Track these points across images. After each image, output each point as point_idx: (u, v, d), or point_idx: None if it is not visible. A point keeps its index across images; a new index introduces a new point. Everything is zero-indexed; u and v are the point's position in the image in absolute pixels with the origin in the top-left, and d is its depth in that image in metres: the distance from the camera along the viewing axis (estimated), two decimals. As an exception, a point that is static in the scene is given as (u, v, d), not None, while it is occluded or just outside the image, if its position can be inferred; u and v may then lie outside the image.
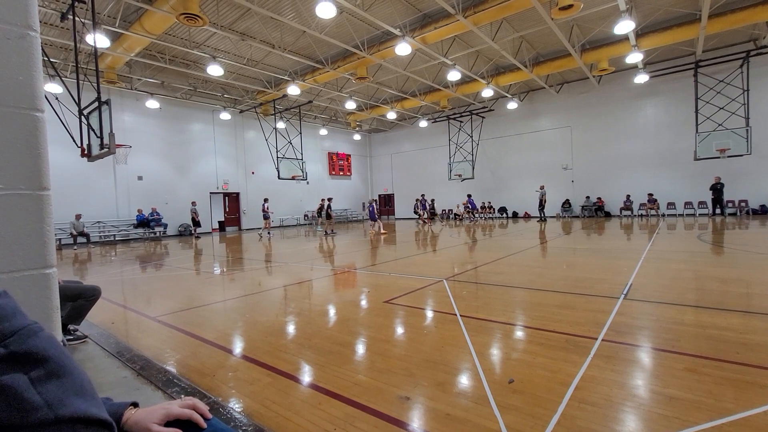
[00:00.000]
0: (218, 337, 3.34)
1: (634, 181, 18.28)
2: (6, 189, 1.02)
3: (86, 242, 14.06)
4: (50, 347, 0.51)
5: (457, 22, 11.28)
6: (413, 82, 18.50)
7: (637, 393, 2.11)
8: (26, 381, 0.47)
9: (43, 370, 0.49)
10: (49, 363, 0.50)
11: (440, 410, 2.00)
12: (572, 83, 19.76)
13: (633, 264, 5.94)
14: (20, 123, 1.05)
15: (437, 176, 24.71)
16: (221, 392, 2.30)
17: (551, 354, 2.65)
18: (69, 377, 0.51)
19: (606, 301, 3.93)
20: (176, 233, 17.63)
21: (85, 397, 0.51)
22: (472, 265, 6.57)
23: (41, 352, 0.50)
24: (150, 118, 17.19)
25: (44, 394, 0.47)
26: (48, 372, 0.49)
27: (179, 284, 6.15)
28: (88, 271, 8.10)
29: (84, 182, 14.87)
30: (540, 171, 21.11)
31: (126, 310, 4.52)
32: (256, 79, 17.30)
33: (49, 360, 0.50)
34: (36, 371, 0.48)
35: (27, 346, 0.49)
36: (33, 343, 0.50)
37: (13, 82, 1.04)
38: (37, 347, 0.50)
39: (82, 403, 0.50)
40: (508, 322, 3.46)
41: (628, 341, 2.85)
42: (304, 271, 6.82)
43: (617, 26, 11.55)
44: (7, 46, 1.03)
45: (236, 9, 11.46)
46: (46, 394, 0.47)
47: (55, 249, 1.14)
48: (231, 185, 20.34)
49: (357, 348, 3.00)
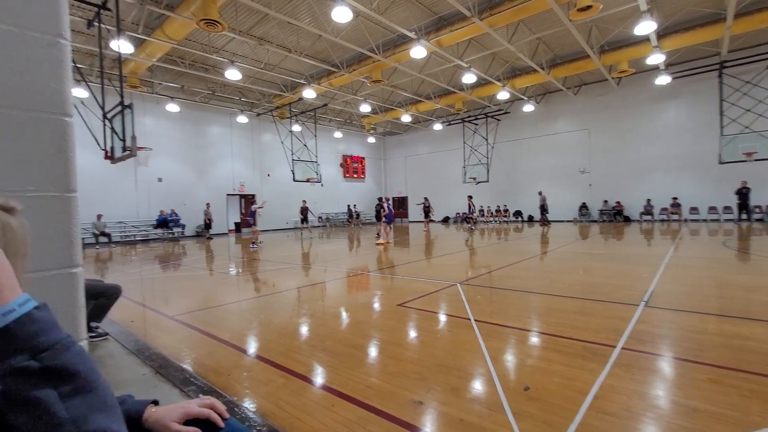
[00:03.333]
0: (233, 337, 3.39)
1: (655, 184, 17.80)
2: (37, 191, 1.07)
3: (108, 242, 14.48)
4: (80, 362, 0.53)
5: (472, 24, 11.24)
6: (428, 85, 18.48)
7: (658, 404, 2.05)
8: (56, 396, 0.49)
9: (72, 386, 0.51)
10: (78, 378, 0.52)
11: (453, 415, 1.98)
12: (590, 85, 19.41)
13: (654, 270, 5.78)
14: (51, 128, 1.10)
15: (451, 179, 24.57)
16: (236, 392, 2.33)
17: (568, 361, 2.60)
18: (95, 393, 0.53)
19: (625, 308, 3.83)
20: (194, 234, 18.00)
21: (107, 412, 0.53)
22: (486, 269, 6.50)
23: (71, 367, 0.51)
24: (170, 121, 17.63)
25: (71, 409, 0.49)
26: (76, 387, 0.51)
27: (195, 284, 6.28)
28: (109, 270, 8.33)
29: (106, 183, 15.32)
30: (556, 174, 20.78)
31: (144, 308, 4.63)
32: (273, 82, 17.57)
33: (78, 375, 0.52)
34: (65, 386, 0.50)
35: (59, 361, 0.51)
36: (65, 357, 0.52)
37: (45, 89, 1.09)
38: (68, 362, 0.51)
39: (104, 420, 0.51)
40: (523, 327, 3.41)
41: (649, 350, 2.77)
42: (318, 273, 6.87)
43: (638, 27, 11.30)
44: (39, 54, 1.08)
45: (254, 14, 11.67)
46: (72, 410, 0.49)
47: (81, 249, 1.18)
48: (247, 187, 20.67)
49: (370, 351, 3.00)
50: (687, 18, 12.82)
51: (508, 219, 22.10)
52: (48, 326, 0.53)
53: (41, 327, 0.52)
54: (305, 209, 15.27)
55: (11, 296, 0.51)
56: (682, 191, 17.06)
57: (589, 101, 19.58)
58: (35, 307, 0.53)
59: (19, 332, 0.50)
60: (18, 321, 0.50)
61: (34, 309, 0.53)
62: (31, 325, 0.51)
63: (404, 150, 28.19)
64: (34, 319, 0.52)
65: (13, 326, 0.50)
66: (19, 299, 0.52)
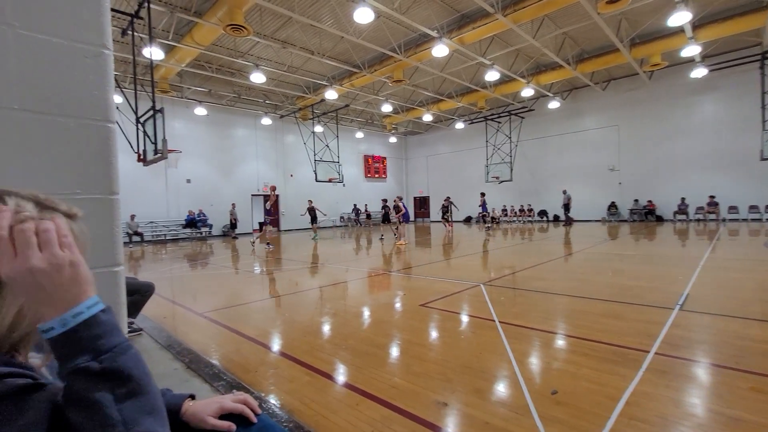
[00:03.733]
0: (259, 334, 3.47)
1: (690, 182, 16.97)
2: (83, 194, 1.14)
3: (140, 241, 15.11)
4: (135, 366, 0.55)
5: (496, 21, 11.05)
6: (450, 84, 18.32)
7: (695, 412, 1.95)
8: (111, 398, 0.51)
9: (126, 389, 0.53)
10: (132, 382, 0.54)
11: (479, 418, 1.96)
12: (620, 80, 18.72)
13: (689, 272, 5.51)
14: (95, 134, 1.17)
15: (474, 179, 24.26)
16: (263, 388, 2.39)
17: (597, 365, 2.52)
18: (146, 396, 0.55)
19: (659, 312, 3.68)
20: (220, 233, 18.53)
21: (155, 416, 0.55)
22: (509, 270, 6.39)
23: (127, 371, 0.54)
24: (198, 124, 18.22)
25: (123, 411, 0.51)
26: (130, 390, 0.53)
27: (222, 282, 6.46)
28: (141, 267, 8.70)
29: (139, 185, 15.98)
30: (584, 173, 20.15)
31: (175, 305, 4.80)
32: (296, 84, 17.86)
33: (132, 379, 0.54)
34: (120, 389, 0.53)
35: (118, 364, 0.53)
36: (123, 361, 0.54)
37: (90, 97, 1.16)
38: (124, 365, 0.54)
39: (152, 423, 0.54)
40: (549, 330, 3.33)
41: (685, 356, 2.65)
42: (340, 272, 6.93)
43: (671, 18, 10.82)
44: (86, 64, 1.15)
45: (278, 18, 11.90)
46: (124, 412, 0.51)
47: (122, 248, 1.25)
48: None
49: (393, 350, 3.01)
50: (725, 7, 12.15)
51: (532, 219, 21.62)
52: (110, 329, 0.55)
53: (104, 330, 0.55)
54: (312, 209, 14.86)
55: (82, 298, 0.54)
56: (719, 189, 16.19)
57: (619, 97, 18.88)
58: (101, 310, 0.56)
59: (86, 334, 0.53)
60: (85, 323, 0.53)
61: (100, 312, 0.55)
62: (96, 328, 0.54)
63: (426, 149, 28.04)
64: (99, 321, 0.55)
65: (80, 328, 0.53)
66: (89, 302, 0.55)
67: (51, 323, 0.52)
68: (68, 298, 0.53)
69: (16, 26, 1.08)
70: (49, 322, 0.52)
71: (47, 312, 0.52)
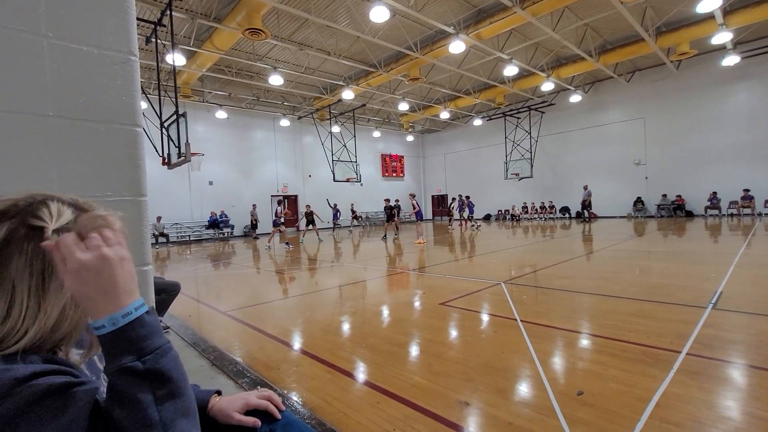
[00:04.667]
0: (281, 332, 3.53)
1: (722, 176, 16.20)
2: (114, 195, 1.19)
3: (166, 242, 15.61)
4: (174, 368, 0.57)
5: (514, 14, 10.85)
6: (467, 80, 18.10)
7: (730, 415, 1.87)
8: (152, 399, 0.53)
9: (166, 390, 0.55)
10: (172, 384, 0.56)
11: (502, 418, 1.93)
12: (645, 70, 18.05)
13: (723, 269, 5.27)
14: (124, 137, 1.22)
15: (492, 176, 23.92)
16: (285, 385, 2.43)
17: (625, 366, 2.44)
18: (182, 399, 0.57)
19: (690, 311, 3.54)
20: (241, 234, 18.93)
21: (189, 418, 0.57)
22: (531, 268, 6.27)
23: (168, 372, 0.56)
24: (219, 127, 18.66)
25: (161, 412, 0.53)
26: (169, 392, 0.55)
27: (244, 281, 6.60)
28: (168, 267, 8.98)
29: (164, 188, 16.49)
30: (608, 167, 19.55)
31: (199, 304, 4.94)
32: (313, 86, 18.03)
33: (172, 381, 0.56)
34: (161, 390, 0.55)
35: (160, 365, 0.55)
36: (164, 363, 0.56)
37: (119, 102, 1.21)
38: (165, 367, 0.56)
39: (187, 425, 0.55)
40: (573, 329, 3.25)
41: (719, 356, 2.54)
42: (358, 271, 6.96)
43: (700, 4, 10.35)
44: (114, 70, 1.20)
45: (295, 20, 12.04)
46: (163, 413, 0.53)
47: (150, 249, 1.29)
48: (290, 188, 21.40)
49: (413, 349, 3.00)
50: (759, -10, 11.54)
51: (554, 216, 21.15)
52: (154, 331, 0.57)
53: (149, 331, 0.57)
54: (310, 213, 14.67)
55: (130, 300, 0.56)
56: (754, 182, 15.40)
57: (644, 88, 18.21)
58: (146, 311, 0.58)
59: (132, 334, 0.55)
60: (132, 324, 0.55)
61: (145, 313, 0.57)
62: (141, 329, 0.56)
63: (443, 147, 27.83)
64: (144, 322, 0.57)
65: (128, 328, 0.55)
66: (136, 303, 0.57)
67: (102, 321, 0.54)
68: (121, 296, 0.55)
69: (50, 37, 1.14)
70: (100, 320, 0.54)
71: (102, 308, 0.54)
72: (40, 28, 1.12)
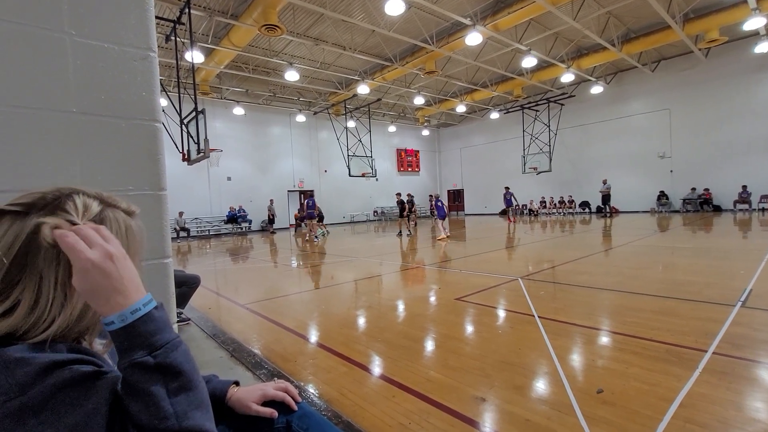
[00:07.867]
0: (298, 325, 3.58)
1: (753, 169, 15.48)
2: (135, 190, 1.22)
3: (187, 236, 16.00)
4: (185, 362, 0.58)
5: (533, 4, 10.57)
6: (484, 72, 17.80)
7: (759, 417, 1.80)
8: (164, 392, 0.54)
9: (178, 383, 0.56)
10: (183, 376, 0.57)
11: (518, 414, 1.91)
12: (671, 59, 17.35)
13: (753, 266, 5.06)
14: (144, 133, 1.25)
15: (510, 170, 23.51)
16: (302, 377, 2.46)
17: (648, 365, 2.38)
18: (195, 391, 0.58)
19: (717, 309, 3.41)
20: (259, 228, 19.23)
21: (202, 410, 0.57)
22: (549, 264, 6.15)
23: (178, 366, 0.57)
24: (237, 123, 18.93)
25: (175, 404, 0.54)
26: (181, 385, 0.56)
27: (262, 275, 6.71)
28: (188, 261, 9.21)
29: (184, 183, 16.86)
30: (629, 161, 18.95)
31: (219, 297, 5.05)
32: (329, 81, 18.06)
33: (183, 374, 0.57)
34: (173, 383, 0.55)
35: (170, 359, 0.56)
36: (174, 356, 0.57)
37: (139, 98, 1.23)
38: (176, 361, 0.57)
39: (200, 417, 0.56)
40: (593, 326, 3.18)
41: (748, 356, 2.44)
42: (374, 266, 6.98)
43: (731, -12, 9.85)
44: (134, 67, 1.22)
45: (310, 16, 12.05)
46: (176, 405, 0.54)
47: (170, 242, 1.33)
48: (306, 183, 21.58)
49: (429, 344, 2.99)
50: (797, -29, 10.90)
51: (573, 211, 20.69)
52: (163, 325, 0.58)
53: (159, 326, 0.58)
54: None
55: (138, 296, 0.57)
56: (788, 175, 14.69)
57: (670, 78, 17.51)
58: (155, 307, 0.59)
59: (142, 330, 0.56)
60: (142, 319, 0.56)
61: (154, 309, 0.58)
62: (150, 324, 0.57)
63: (459, 141, 27.50)
64: (154, 318, 0.58)
65: (138, 324, 0.56)
66: (144, 299, 0.58)
67: (112, 317, 0.55)
68: (129, 293, 0.56)
69: (73, 34, 1.17)
70: (110, 317, 0.55)
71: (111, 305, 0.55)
72: (63, 26, 1.15)
